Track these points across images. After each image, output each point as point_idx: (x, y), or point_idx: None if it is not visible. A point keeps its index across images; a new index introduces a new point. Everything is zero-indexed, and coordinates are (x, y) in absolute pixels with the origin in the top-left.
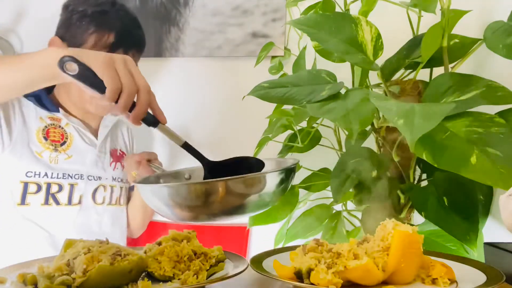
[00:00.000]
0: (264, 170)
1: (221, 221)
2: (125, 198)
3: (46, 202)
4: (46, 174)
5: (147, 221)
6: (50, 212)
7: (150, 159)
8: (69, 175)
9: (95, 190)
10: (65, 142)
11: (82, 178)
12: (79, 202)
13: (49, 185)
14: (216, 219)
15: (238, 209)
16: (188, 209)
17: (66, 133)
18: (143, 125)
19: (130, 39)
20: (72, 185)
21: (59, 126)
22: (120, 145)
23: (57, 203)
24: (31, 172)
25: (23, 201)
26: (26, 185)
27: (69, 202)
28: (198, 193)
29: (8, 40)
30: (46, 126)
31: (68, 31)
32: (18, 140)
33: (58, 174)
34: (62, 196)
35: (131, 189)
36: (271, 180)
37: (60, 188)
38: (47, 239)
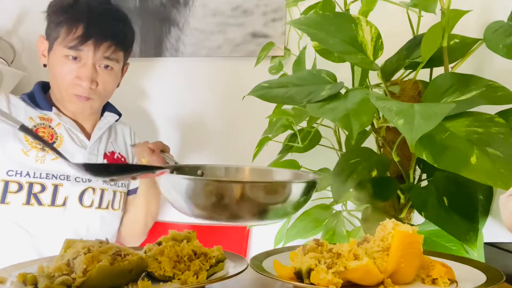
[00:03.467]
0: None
1: (237, 224)
2: (121, 203)
3: (28, 202)
4: (28, 174)
5: (148, 229)
6: (32, 212)
7: (164, 150)
8: (53, 175)
9: (83, 193)
10: (54, 142)
11: (69, 179)
12: (64, 204)
13: (31, 185)
14: (233, 222)
15: (255, 215)
16: (205, 206)
17: (56, 134)
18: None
19: (102, 31)
20: (56, 186)
21: (49, 126)
22: (119, 149)
23: (40, 203)
24: (12, 171)
25: (3, 200)
26: (6, 183)
27: (53, 203)
28: (219, 191)
29: (8, 40)
30: (35, 126)
31: (48, 27)
32: (1, 139)
33: (41, 174)
34: (45, 197)
35: (129, 193)
36: (293, 190)
37: (43, 188)
38: (28, 239)
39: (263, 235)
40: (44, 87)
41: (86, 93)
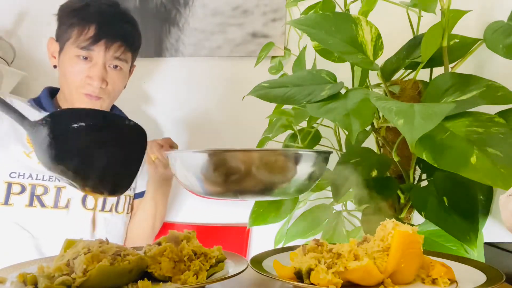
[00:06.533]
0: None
1: (247, 199)
2: (126, 207)
3: (31, 203)
4: (30, 176)
5: (156, 232)
6: (35, 214)
7: (173, 146)
8: (56, 177)
9: (86, 195)
10: None
11: None
12: (67, 206)
13: (33, 187)
14: (243, 196)
15: (265, 188)
16: (216, 181)
17: None
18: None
19: (113, 31)
20: (59, 188)
21: None
22: None
23: (42, 205)
24: (15, 173)
25: (6, 201)
26: (9, 185)
27: (55, 205)
28: (233, 161)
29: (8, 40)
30: None
31: (59, 29)
32: (4, 141)
33: (44, 176)
34: (48, 199)
35: (135, 197)
36: (306, 159)
37: (46, 190)
38: (30, 241)
39: (263, 235)
40: (52, 92)
41: (97, 93)
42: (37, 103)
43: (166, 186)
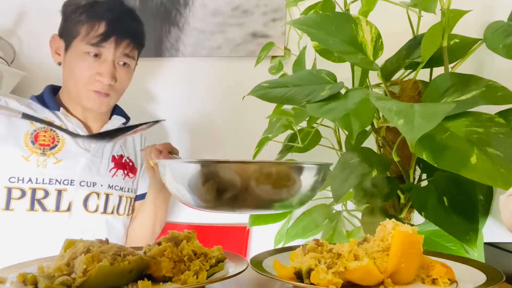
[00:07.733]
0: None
1: (244, 213)
2: (127, 209)
3: (32, 208)
4: (30, 180)
5: (156, 235)
6: (37, 218)
7: (172, 152)
8: (56, 180)
9: (87, 197)
10: (55, 145)
11: (73, 184)
12: (68, 209)
13: (34, 191)
14: (240, 211)
15: (263, 203)
16: (211, 194)
17: (58, 137)
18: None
19: (123, 28)
20: (60, 191)
21: (51, 130)
22: (128, 153)
23: (44, 209)
24: (14, 177)
25: (7, 207)
26: (9, 190)
27: (57, 208)
28: (228, 173)
29: (8, 40)
30: (35, 130)
31: (65, 26)
32: (1, 145)
33: (43, 179)
34: (49, 202)
35: (137, 198)
36: (307, 174)
37: (47, 193)
38: (34, 245)
39: (263, 235)
40: (54, 90)
41: (105, 89)
42: (39, 100)
43: (166, 191)
